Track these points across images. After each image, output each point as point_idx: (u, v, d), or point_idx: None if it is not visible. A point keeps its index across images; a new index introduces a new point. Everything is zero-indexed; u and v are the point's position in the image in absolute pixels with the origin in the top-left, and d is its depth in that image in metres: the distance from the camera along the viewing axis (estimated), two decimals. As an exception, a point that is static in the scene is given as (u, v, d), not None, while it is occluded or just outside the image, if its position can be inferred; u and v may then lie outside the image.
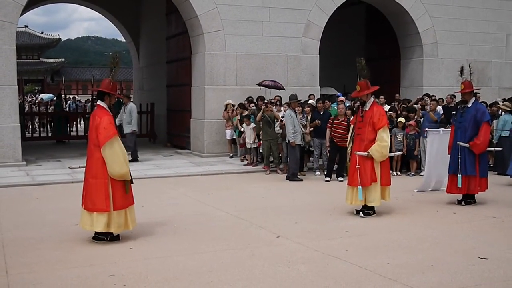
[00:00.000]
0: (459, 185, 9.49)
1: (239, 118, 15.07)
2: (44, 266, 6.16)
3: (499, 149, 11.80)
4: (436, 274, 5.82)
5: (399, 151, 12.76)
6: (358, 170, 8.58)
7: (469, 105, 9.62)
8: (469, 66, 9.94)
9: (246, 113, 14.82)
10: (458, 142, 9.54)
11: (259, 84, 15.94)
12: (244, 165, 14.52)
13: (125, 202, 7.17)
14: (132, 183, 7.30)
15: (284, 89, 15.96)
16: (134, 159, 14.89)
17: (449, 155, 9.83)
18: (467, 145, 9.44)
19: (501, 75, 20.53)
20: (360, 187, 8.56)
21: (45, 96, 33.60)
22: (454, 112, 11.35)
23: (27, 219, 8.51)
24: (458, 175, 9.48)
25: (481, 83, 18.56)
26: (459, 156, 9.51)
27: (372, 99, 8.90)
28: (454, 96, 15.80)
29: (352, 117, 13.13)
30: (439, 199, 10.09)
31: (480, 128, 9.44)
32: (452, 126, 10.43)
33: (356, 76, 9.03)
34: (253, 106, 14.90)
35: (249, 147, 14.44)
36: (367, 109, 8.78)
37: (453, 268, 6.00)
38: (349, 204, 8.84)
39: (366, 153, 8.57)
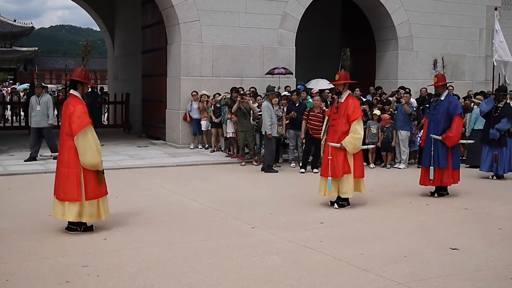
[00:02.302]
0: (431, 177, 9.60)
1: (213, 109, 15.02)
2: (16, 257, 6.08)
3: (471, 141, 11.92)
4: (409, 264, 5.89)
5: (372, 144, 12.85)
6: (330, 162, 8.63)
7: (442, 98, 9.71)
8: (442, 60, 10.05)
9: (218, 105, 14.81)
10: (430, 135, 9.65)
11: (270, 73, 16.05)
12: (226, 156, 14.45)
13: (98, 192, 7.12)
14: (103, 173, 7.24)
15: (292, 73, 16.74)
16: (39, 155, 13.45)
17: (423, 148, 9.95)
18: (440, 137, 9.53)
19: (474, 69, 20.78)
20: (330, 178, 8.61)
21: (20, 86, 33.11)
22: (427, 105, 11.47)
23: (0, 210, 8.40)
24: (431, 167, 9.59)
25: (454, 76, 18.75)
26: (432, 148, 9.61)
27: (348, 91, 8.93)
28: (426, 89, 15.99)
29: (327, 109, 13.22)
30: (412, 191, 10.19)
31: (452, 121, 9.53)
32: (425, 119, 10.54)
33: (336, 67, 9.08)
34: (226, 96, 14.84)
35: (229, 136, 14.38)
36: (342, 101, 8.81)
37: (426, 259, 6.08)
38: (322, 195, 8.89)
39: (339, 144, 8.62)
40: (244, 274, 5.55)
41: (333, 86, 10.02)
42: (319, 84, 17.46)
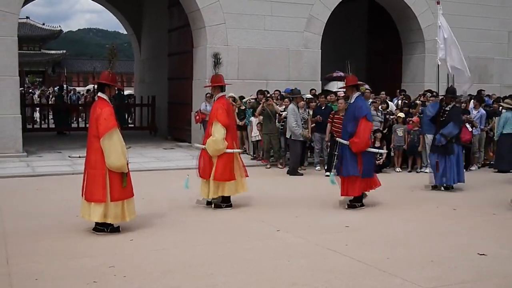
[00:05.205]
0: (334, 183, 9.05)
1: (237, 112, 15.05)
2: (45, 256, 6.17)
3: (384, 151, 11.08)
4: (435, 269, 5.83)
5: (399, 147, 12.73)
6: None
7: (351, 101, 9.14)
8: (348, 63, 9.17)
9: (243, 107, 14.84)
10: (337, 139, 9.17)
11: (327, 79, 16.10)
12: (251, 159, 14.47)
13: (123, 194, 7.19)
14: (127, 176, 7.29)
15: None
16: None
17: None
18: (346, 142, 8.84)
19: (502, 72, 20.50)
20: (332, 173, 8.77)
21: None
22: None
23: (28, 210, 8.52)
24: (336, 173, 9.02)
25: (482, 80, 18.57)
26: (336, 153, 9.06)
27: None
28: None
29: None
30: (439, 196, 10.09)
31: (358, 125, 8.76)
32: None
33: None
34: (252, 99, 14.85)
35: (252, 140, 14.40)
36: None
37: (452, 264, 6.01)
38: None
39: (203, 146, 8.79)
40: (269, 277, 5.55)
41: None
42: (336, 86, 17.43)
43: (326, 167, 12.68)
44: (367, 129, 8.84)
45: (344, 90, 9.09)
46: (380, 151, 10.50)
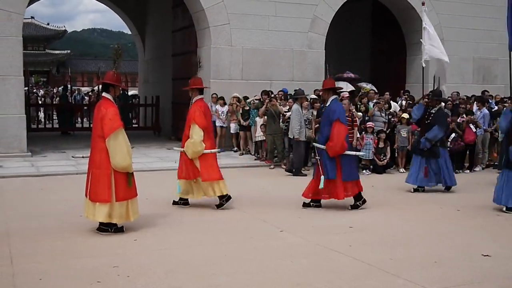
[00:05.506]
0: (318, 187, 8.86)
1: (241, 112, 15.08)
2: (49, 256, 6.19)
3: (362, 154, 10.89)
4: (439, 270, 5.82)
5: (402, 147, 12.73)
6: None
7: (327, 104, 9.05)
8: (327, 66, 9.34)
9: (247, 107, 14.85)
10: (313, 144, 9.04)
11: (337, 79, 16.10)
12: (254, 159, 14.48)
13: (128, 194, 7.21)
14: (133, 176, 7.32)
15: (360, 78, 16.82)
16: None
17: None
18: (323, 146, 8.78)
19: (506, 73, 20.36)
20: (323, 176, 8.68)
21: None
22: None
23: (32, 210, 8.54)
24: (321, 177, 8.77)
25: (487, 80, 18.53)
26: (317, 158, 8.94)
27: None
28: (459, 94, 15.82)
29: (356, 112, 13.16)
30: (442, 197, 10.08)
31: (332, 129, 8.68)
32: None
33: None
34: (256, 99, 14.87)
35: (256, 140, 14.41)
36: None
37: (456, 265, 6.00)
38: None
39: (182, 149, 8.83)
40: (272, 277, 5.56)
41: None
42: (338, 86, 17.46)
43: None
44: (341, 132, 8.69)
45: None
46: (358, 153, 10.25)
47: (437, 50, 13.39)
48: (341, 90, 12.39)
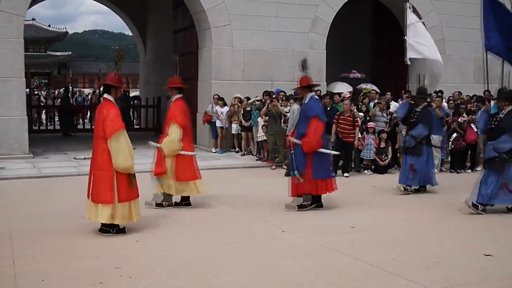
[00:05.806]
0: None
1: (242, 113, 15.09)
2: (50, 257, 6.20)
3: (336, 153, 10.82)
4: (441, 270, 5.83)
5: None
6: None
7: (305, 102, 9.05)
8: (303, 62, 9.34)
9: (249, 108, 14.86)
10: (290, 138, 9.07)
11: (343, 79, 16.14)
12: (256, 160, 14.47)
13: (130, 195, 7.22)
14: (135, 177, 7.34)
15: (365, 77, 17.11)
16: None
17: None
18: (298, 141, 8.76)
19: (508, 71, 20.38)
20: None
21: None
22: None
23: (34, 211, 8.56)
24: (293, 172, 8.88)
25: (489, 80, 18.39)
26: (291, 152, 8.96)
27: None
28: (461, 93, 15.82)
29: (357, 113, 13.16)
30: (443, 197, 10.08)
31: (309, 125, 8.71)
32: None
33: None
34: (257, 100, 14.87)
35: (257, 140, 14.42)
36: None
37: (458, 265, 6.01)
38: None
39: (159, 145, 8.84)
40: (273, 277, 5.57)
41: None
42: (337, 87, 17.40)
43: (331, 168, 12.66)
44: (319, 129, 8.70)
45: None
46: (332, 152, 10.02)
47: (426, 48, 13.36)
48: (318, 88, 12.33)
